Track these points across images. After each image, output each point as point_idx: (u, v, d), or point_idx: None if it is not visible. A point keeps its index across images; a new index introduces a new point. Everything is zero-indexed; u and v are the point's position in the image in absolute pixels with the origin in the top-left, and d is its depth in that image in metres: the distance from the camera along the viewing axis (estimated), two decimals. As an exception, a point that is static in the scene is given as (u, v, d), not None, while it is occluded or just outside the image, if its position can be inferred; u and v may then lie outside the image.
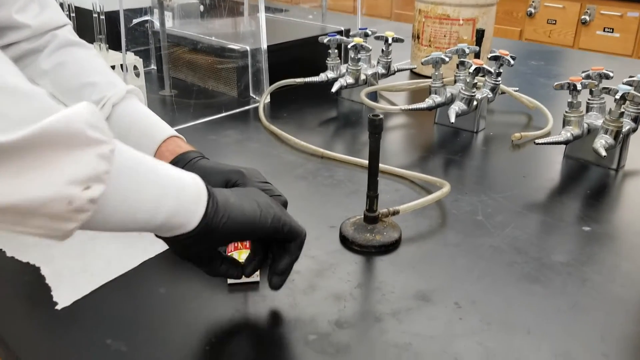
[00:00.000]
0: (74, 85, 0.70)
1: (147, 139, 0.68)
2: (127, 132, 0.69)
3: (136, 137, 0.68)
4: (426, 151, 0.97)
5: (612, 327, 0.56)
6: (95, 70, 0.72)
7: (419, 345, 0.53)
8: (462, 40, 1.25)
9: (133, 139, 0.68)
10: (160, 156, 0.67)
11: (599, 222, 0.74)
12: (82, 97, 0.69)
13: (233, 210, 0.50)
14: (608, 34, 2.72)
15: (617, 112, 0.83)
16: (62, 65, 0.71)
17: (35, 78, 0.70)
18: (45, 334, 0.54)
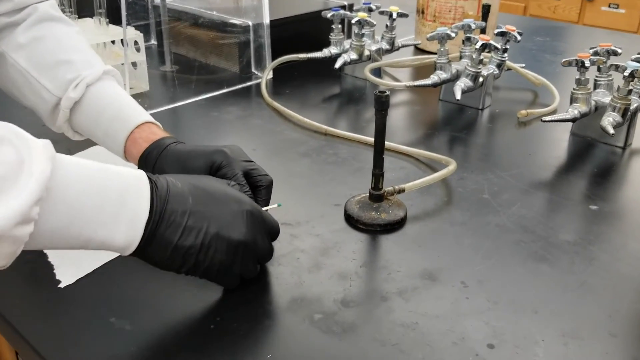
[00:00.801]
0: (49, 62, 0.67)
1: (119, 123, 0.66)
2: (98, 116, 0.67)
3: (108, 120, 0.66)
4: (431, 128, 0.96)
5: (619, 305, 0.55)
6: (74, 48, 0.69)
7: (426, 324, 0.52)
8: (467, 15, 1.23)
9: (104, 123, 0.67)
10: (133, 143, 0.65)
11: (606, 200, 0.73)
12: (57, 75, 0.67)
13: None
14: (613, 10, 2.69)
15: (626, 89, 0.81)
16: (39, 40, 0.68)
17: (9, 52, 0.67)
18: (48, 312, 0.54)
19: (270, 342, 0.50)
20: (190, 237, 0.50)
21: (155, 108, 0.99)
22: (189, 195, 0.51)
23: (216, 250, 0.51)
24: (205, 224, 0.50)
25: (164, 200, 0.49)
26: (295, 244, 0.63)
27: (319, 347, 0.50)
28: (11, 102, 0.73)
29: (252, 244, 0.53)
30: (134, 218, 0.47)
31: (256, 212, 0.54)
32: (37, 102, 0.69)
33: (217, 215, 0.51)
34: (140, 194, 0.48)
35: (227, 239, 0.51)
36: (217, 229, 0.51)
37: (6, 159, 0.41)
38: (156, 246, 0.49)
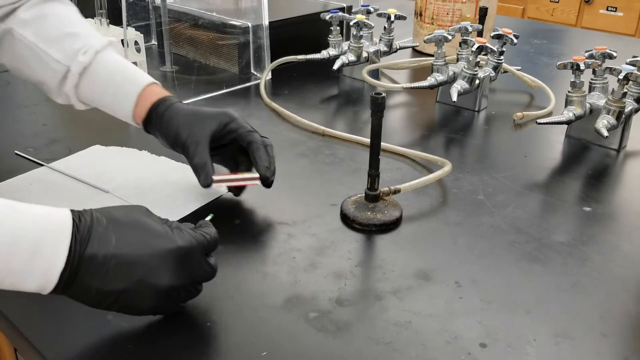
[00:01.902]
0: (56, 35, 0.71)
1: (129, 83, 0.71)
2: (108, 78, 0.71)
3: (118, 82, 0.71)
4: (428, 130, 0.96)
5: (611, 307, 0.56)
6: (77, 23, 0.74)
7: (419, 323, 0.53)
8: (464, 18, 1.24)
9: (114, 85, 0.71)
10: (144, 99, 0.70)
11: (600, 202, 0.74)
12: (65, 46, 0.71)
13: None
14: (611, 13, 2.70)
15: (620, 92, 0.82)
16: (44, 17, 0.72)
17: (16, 28, 0.71)
18: (46, 309, 0.54)
19: (266, 340, 0.51)
20: (113, 283, 0.47)
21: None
22: (112, 235, 0.47)
23: (144, 296, 0.48)
24: (129, 269, 0.47)
25: (84, 244, 0.46)
26: (291, 243, 0.64)
27: (313, 345, 0.50)
28: (10, 103, 0.74)
29: (183, 285, 0.50)
30: (47, 268, 0.45)
31: (184, 249, 0.49)
32: (45, 75, 0.72)
33: (142, 258, 0.47)
34: (59, 241, 0.45)
35: (154, 285, 0.48)
36: (141, 275, 0.47)
37: None
38: (76, 290, 0.47)
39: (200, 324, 0.52)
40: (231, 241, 0.64)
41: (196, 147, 0.66)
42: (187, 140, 0.67)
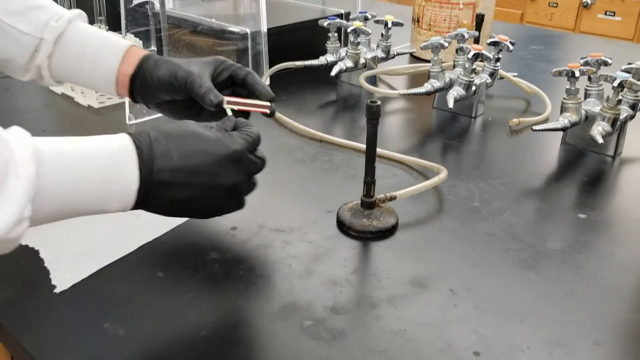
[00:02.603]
0: (20, 8, 0.68)
1: (109, 47, 0.69)
2: (85, 44, 0.69)
3: (96, 48, 0.69)
4: (424, 136, 0.97)
5: (605, 314, 0.56)
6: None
7: (414, 331, 0.53)
8: (461, 24, 1.25)
9: (93, 51, 0.69)
10: (128, 60, 0.69)
11: (595, 209, 0.74)
12: (32, 18, 0.68)
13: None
14: (609, 17, 2.71)
15: (615, 99, 0.83)
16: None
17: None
18: (43, 317, 0.55)
19: (261, 348, 0.51)
20: (183, 192, 0.53)
21: (153, 114, 1.00)
22: (173, 151, 0.53)
23: (211, 198, 0.55)
24: (194, 177, 0.53)
25: (151, 163, 0.51)
26: (287, 250, 0.64)
27: (308, 353, 0.51)
28: (10, 109, 0.74)
29: (242, 182, 0.57)
30: (123, 191, 0.50)
31: (238, 151, 0.55)
32: (13, 50, 0.68)
33: (204, 166, 0.54)
34: (127, 166, 0.50)
35: (218, 187, 0.55)
36: (205, 180, 0.54)
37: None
38: (153, 204, 0.53)
39: (196, 332, 0.53)
40: (227, 248, 0.64)
41: (200, 78, 0.66)
42: (189, 77, 0.66)
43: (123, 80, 0.69)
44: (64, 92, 1.08)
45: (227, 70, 0.69)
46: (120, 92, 0.71)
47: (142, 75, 0.68)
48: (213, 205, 0.56)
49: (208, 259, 0.62)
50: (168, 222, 0.67)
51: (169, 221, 0.68)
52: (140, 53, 0.70)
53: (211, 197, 0.55)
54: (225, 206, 0.58)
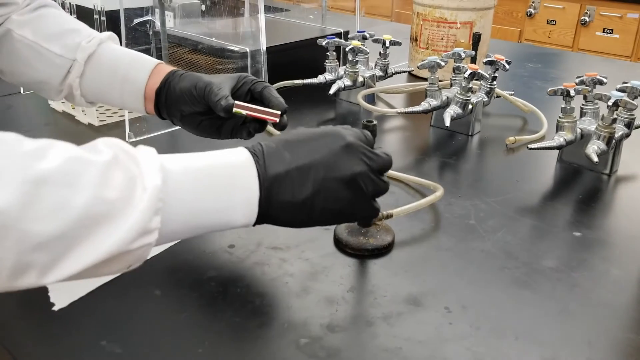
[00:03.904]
0: (56, 31, 0.73)
1: (139, 65, 0.72)
2: (116, 63, 0.72)
3: (127, 65, 0.72)
4: (422, 154, 0.98)
5: (599, 333, 0.57)
6: (75, 21, 0.76)
7: (409, 349, 0.54)
8: (459, 43, 1.26)
9: (123, 68, 0.72)
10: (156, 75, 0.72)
11: (590, 227, 0.75)
12: (66, 41, 0.72)
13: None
14: (607, 35, 2.73)
15: (610, 118, 0.84)
16: (42, 17, 0.74)
17: (14, 29, 0.72)
18: (41, 335, 0.55)
19: (257, 365, 0.52)
20: (303, 190, 0.51)
21: (153, 132, 1.01)
22: (284, 150, 0.52)
23: (334, 190, 0.52)
24: (311, 172, 0.52)
25: (264, 167, 0.51)
26: (284, 268, 0.65)
27: (303, 370, 0.51)
28: (12, 126, 0.75)
29: (364, 173, 0.53)
30: (246, 197, 0.50)
31: (356, 142, 0.54)
32: (47, 72, 0.73)
33: (318, 159, 0.52)
34: (247, 172, 0.51)
35: (338, 178, 0.52)
36: (324, 173, 0.52)
37: (119, 180, 0.43)
38: (276, 210, 0.52)
39: (193, 350, 0.53)
40: (224, 266, 0.65)
41: (219, 88, 0.67)
42: (207, 86, 0.68)
43: (150, 95, 0.72)
44: (64, 110, 1.09)
45: (248, 84, 0.71)
46: (149, 108, 0.73)
47: (167, 88, 0.71)
48: (338, 202, 0.53)
49: (205, 277, 0.63)
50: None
51: (167, 239, 0.68)
52: (168, 68, 0.72)
53: (331, 191, 0.52)
54: (354, 204, 0.54)
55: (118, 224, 0.42)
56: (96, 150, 0.45)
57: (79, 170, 0.42)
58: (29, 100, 1.16)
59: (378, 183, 0.55)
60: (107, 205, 0.42)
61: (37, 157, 0.40)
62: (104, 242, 0.42)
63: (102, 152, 0.44)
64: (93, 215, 0.41)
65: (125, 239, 0.43)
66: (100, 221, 0.42)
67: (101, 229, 0.42)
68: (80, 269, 0.42)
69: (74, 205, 0.40)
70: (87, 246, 0.41)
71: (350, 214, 0.56)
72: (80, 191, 0.41)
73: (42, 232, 0.39)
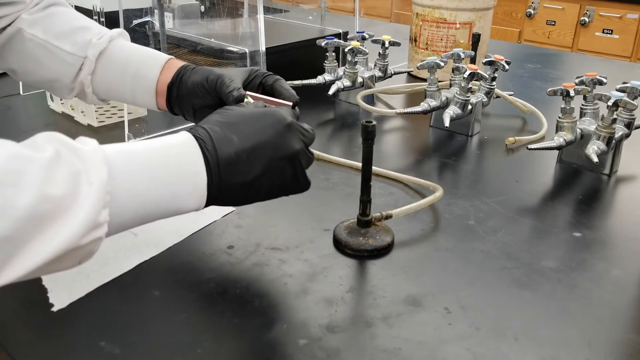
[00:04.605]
0: (67, 29, 0.73)
1: (151, 61, 0.72)
2: (128, 58, 0.72)
3: (139, 62, 0.72)
4: (421, 154, 0.98)
5: (599, 333, 0.56)
6: (85, 18, 0.76)
7: (408, 350, 0.53)
8: (458, 44, 1.26)
9: (135, 65, 0.72)
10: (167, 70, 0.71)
11: (590, 227, 0.75)
12: (77, 39, 0.72)
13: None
14: (607, 36, 2.73)
15: (610, 118, 0.83)
16: (52, 15, 0.74)
17: (25, 28, 0.72)
18: (40, 335, 0.55)
19: (256, 366, 0.52)
20: (253, 170, 0.53)
21: (153, 132, 1.01)
22: (231, 134, 0.53)
23: (281, 167, 0.55)
24: (259, 153, 0.53)
25: (214, 152, 0.52)
26: (283, 269, 0.65)
27: (303, 371, 0.51)
28: (10, 128, 0.75)
29: (302, 150, 0.57)
30: (195, 184, 0.51)
31: (294, 121, 0.57)
32: (59, 70, 0.73)
33: (265, 140, 0.54)
34: (193, 159, 0.51)
35: (285, 156, 0.55)
36: (271, 152, 0.54)
37: (63, 176, 0.42)
38: (226, 192, 0.53)
39: (192, 351, 0.53)
40: (223, 267, 0.65)
41: (231, 80, 0.67)
42: (219, 78, 0.68)
43: (162, 90, 0.71)
44: (64, 111, 1.09)
45: (259, 77, 0.71)
46: (160, 103, 0.73)
47: (178, 82, 0.70)
48: (281, 179, 0.56)
49: (204, 278, 0.63)
50: (164, 241, 0.68)
51: (165, 240, 0.68)
52: (179, 63, 0.72)
53: (276, 169, 0.55)
54: (294, 178, 0.57)
55: (66, 221, 0.42)
56: (36, 146, 0.44)
57: (21, 168, 0.41)
58: (28, 101, 1.16)
59: (309, 157, 0.59)
60: (53, 202, 0.41)
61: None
62: (53, 240, 0.41)
63: (43, 148, 0.43)
64: (39, 214, 0.40)
65: (75, 235, 0.42)
66: (48, 219, 0.41)
67: (49, 227, 0.41)
68: (31, 268, 0.41)
69: (18, 205, 0.39)
70: (36, 245, 0.41)
71: (289, 189, 0.58)
72: (24, 190, 0.40)
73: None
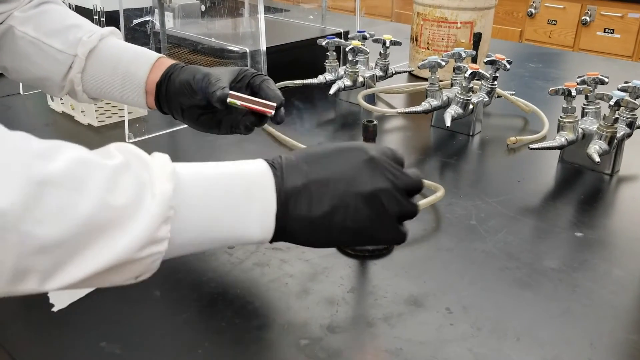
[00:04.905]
0: (58, 27, 0.73)
1: (142, 59, 0.72)
2: (118, 57, 0.72)
3: (128, 61, 0.72)
4: (422, 154, 0.97)
5: (601, 333, 0.56)
6: (76, 16, 0.76)
7: (409, 350, 0.53)
8: (459, 43, 1.26)
9: (124, 64, 0.72)
10: (157, 69, 0.72)
11: (592, 227, 0.75)
12: (68, 37, 0.72)
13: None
14: (608, 35, 2.72)
15: (611, 118, 0.83)
16: (44, 13, 0.74)
17: (16, 25, 0.72)
18: (41, 336, 0.55)
19: (257, 367, 0.52)
20: (321, 205, 0.48)
21: (152, 132, 1.00)
22: (304, 163, 0.49)
23: (354, 207, 0.48)
24: (329, 186, 0.48)
25: (281, 180, 0.48)
26: (284, 269, 0.64)
27: (304, 372, 0.51)
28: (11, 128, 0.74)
29: (387, 190, 0.49)
30: (263, 212, 0.47)
31: (380, 157, 0.50)
32: (49, 68, 0.73)
33: (337, 173, 0.49)
34: (265, 185, 0.48)
35: (358, 193, 0.48)
36: (344, 187, 0.48)
37: (128, 187, 0.42)
38: (294, 226, 0.48)
39: (193, 351, 0.53)
40: (224, 267, 0.65)
41: (217, 80, 0.67)
42: (205, 77, 0.67)
43: (151, 89, 0.71)
44: (64, 111, 1.09)
45: (247, 77, 0.70)
46: (150, 102, 0.73)
47: (167, 81, 0.70)
48: (358, 220, 0.48)
49: (205, 278, 0.63)
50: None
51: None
52: (169, 62, 0.72)
53: (351, 207, 0.48)
54: (375, 223, 0.49)
55: (124, 231, 0.41)
56: (107, 154, 0.43)
57: (87, 174, 0.40)
58: (28, 101, 1.15)
59: (403, 204, 0.50)
60: (113, 211, 0.41)
61: (44, 158, 0.39)
62: (108, 250, 0.41)
63: (113, 156, 0.43)
64: (98, 221, 0.40)
65: (131, 248, 0.41)
66: (106, 228, 0.40)
67: (106, 236, 0.40)
68: (84, 276, 0.40)
69: (79, 210, 0.39)
70: (90, 253, 0.40)
71: (371, 234, 0.50)
72: (87, 196, 0.40)
73: (43, 236, 0.38)
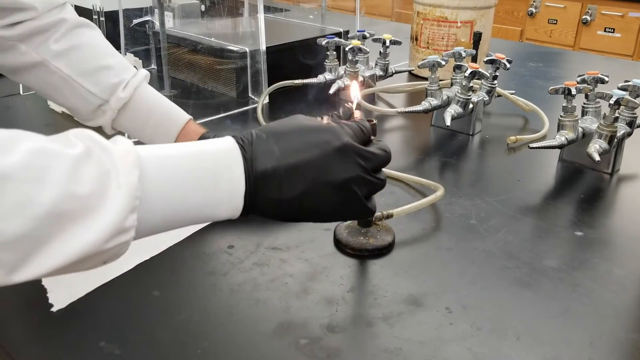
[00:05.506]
0: (90, 68, 0.75)
1: (170, 120, 0.77)
2: (148, 113, 0.77)
3: (158, 118, 0.77)
4: (422, 153, 0.97)
5: (601, 333, 0.56)
6: (108, 53, 0.78)
7: (409, 350, 0.53)
8: (459, 42, 1.26)
9: (154, 120, 0.77)
10: (185, 136, 0.77)
11: (592, 227, 0.74)
12: (100, 79, 0.75)
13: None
14: (609, 34, 2.72)
15: (612, 117, 0.83)
16: (76, 48, 0.75)
17: (50, 60, 0.74)
18: (40, 335, 0.55)
19: (256, 366, 0.51)
20: (290, 189, 0.48)
21: (152, 133, 1.00)
22: (274, 146, 0.48)
23: (324, 194, 0.49)
24: (299, 172, 0.48)
25: (253, 162, 0.47)
26: (284, 268, 0.64)
27: (303, 372, 0.51)
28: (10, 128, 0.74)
29: (358, 177, 0.50)
30: (232, 192, 0.47)
31: (350, 143, 0.50)
32: (78, 104, 0.77)
33: (308, 160, 0.48)
34: (234, 167, 0.47)
35: (329, 182, 0.48)
36: (314, 174, 0.48)
37: (91, 175, 0.40)
38: (261, 206, 0.48)
39: (192, 351, 0.53)
40: (223, 266, 0.65)
41: None
42: None
43: None
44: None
45: None
46: None
47: None
48: (329, 202, 0.49)
49: (204, 277, 0.62)
50: (164, 241, 0.67)
51: (165, 240, 0.68)
52: (198, 129, 0.78)
53: (323, 193, 0.48)
54: (346, 205, 0.50)
55: (90, 222, 0.40)
56: (67, 141, 0.42)
57: (47, 164, 0.39)
58: (28, 101, 1.15)
59: (373, 182, 0.51)
60: (77, 201, 0.39)
61: (0, 150, 0.38)
62: (75, 242, 0.39)
63: (73, 144, 0.41)
64: (62, 212, 0.38)
65: (99, 239, 0.40)
66: (71, 219, 0.39)
67: (72, 227, 0.39)
68: (50, 269, 0.39)
69: (40, 202, 0.38)
70: (57, 245, 0.39)
71: (342, 215, 0.52)
72: (47, 187, 0.38)
73: (4, 231, 0.37)
